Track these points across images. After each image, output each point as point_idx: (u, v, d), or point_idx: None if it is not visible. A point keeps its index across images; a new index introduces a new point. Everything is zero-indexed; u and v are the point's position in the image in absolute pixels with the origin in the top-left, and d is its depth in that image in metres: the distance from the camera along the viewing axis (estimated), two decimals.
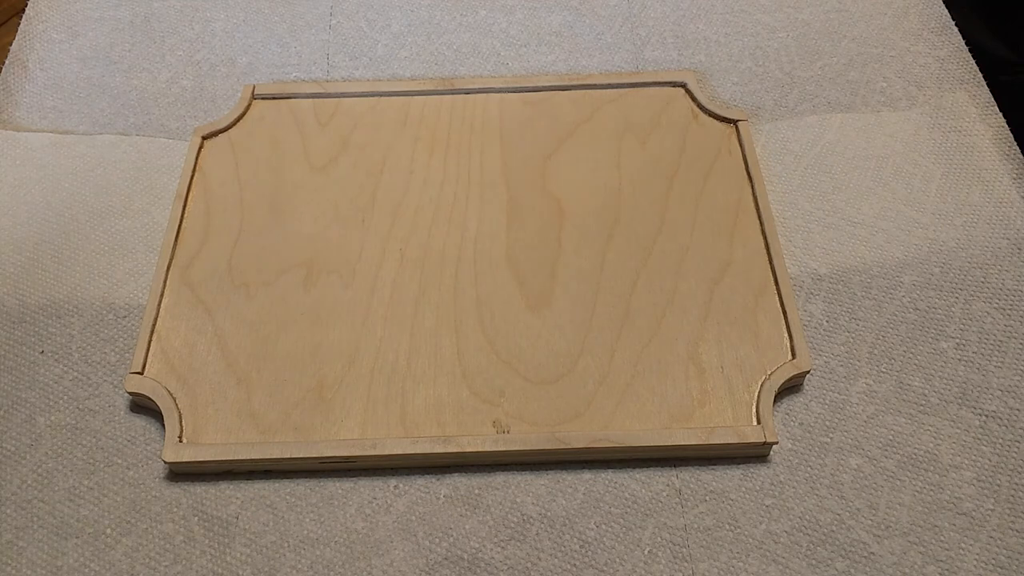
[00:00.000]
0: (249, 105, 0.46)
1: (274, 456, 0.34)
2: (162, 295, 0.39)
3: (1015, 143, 0.44)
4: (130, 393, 0.36)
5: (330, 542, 0.34)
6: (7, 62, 0.49)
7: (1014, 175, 0.43)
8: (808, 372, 0.36)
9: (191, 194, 0.43)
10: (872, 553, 0.33)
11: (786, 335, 0.37)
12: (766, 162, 0.44)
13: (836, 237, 0.41)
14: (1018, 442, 0.35)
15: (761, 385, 0.36)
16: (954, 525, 0.34)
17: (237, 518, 0.34)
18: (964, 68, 0.48)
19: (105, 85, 0.48)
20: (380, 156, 0.44)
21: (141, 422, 0.37)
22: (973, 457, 0.35)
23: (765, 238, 0.40)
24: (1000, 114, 0.46)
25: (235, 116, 0.46)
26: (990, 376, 0.37)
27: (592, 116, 0.45)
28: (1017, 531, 0.33)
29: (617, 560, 0.33)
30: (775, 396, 0.36)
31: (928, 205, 0.42)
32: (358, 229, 0.41)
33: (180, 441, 0.35)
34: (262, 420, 0.36)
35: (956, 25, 0.49)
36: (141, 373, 0.37)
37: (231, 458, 0.34)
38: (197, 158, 0.44)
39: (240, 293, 0.39)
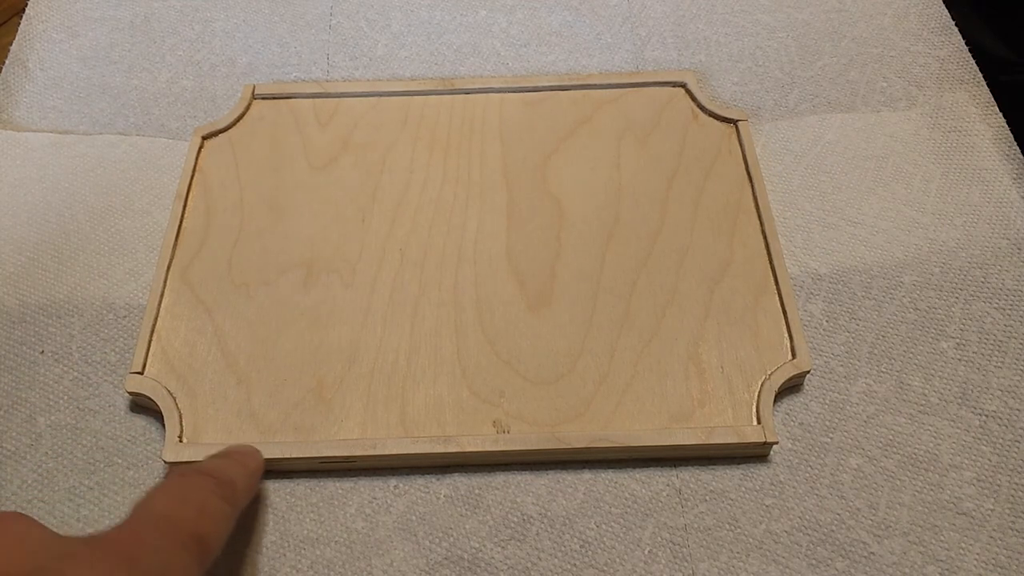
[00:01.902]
0: (249, 105, 0.46)
1: (274, 456, 0.34)
2: (162, 295, 0.39)
3: (1015, 143, 0.44)
4: (130, 393, 0.36)
5: (330, 542, 0.34)
6: (7, 62, 0.49)
7: (1014, 175, 0.43)
8: (808, 372, 0.37)
9: (191, 194, 0.43)
10: (872, 553, 0.33)
11: (786, 335, 0.37)
12: (766, 162, 0.44)
13: (836, 237, 0.41)
14: (1018, 442, 0.35)
15: (761, 385, 0.36)
16: (954, 525, 0.34)
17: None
18: (964, 68, 0.48)
19: (105, 85, 0.48)
20: (380, 156, 0.44)
21: (141, 422, 0.37)
22: (973, 457, 0.35)
23: (765, 238, 0.40)
24: (1000, 114, 0.45)
25: (235, 116, 0.46)
26: (990, 376, 0.37)
27: (592, 116, 0.45)
28: (1017, 531, 0.33)
29: (617, 560, 0.33)
30: (775, 396, 0.36)
31: (928, 205, 0.42)
32: (358, 229, 0.41)
33: (180, 441, 0.35)
34: (262, 420, 0.36)
35: (956, 25, 0.49)
36: (141, 373, 0.37)
37: None
38: (197, 158, 0.44)
39: (240, 293, 0.39)
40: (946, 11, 0.50)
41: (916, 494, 0.34)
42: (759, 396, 0.36)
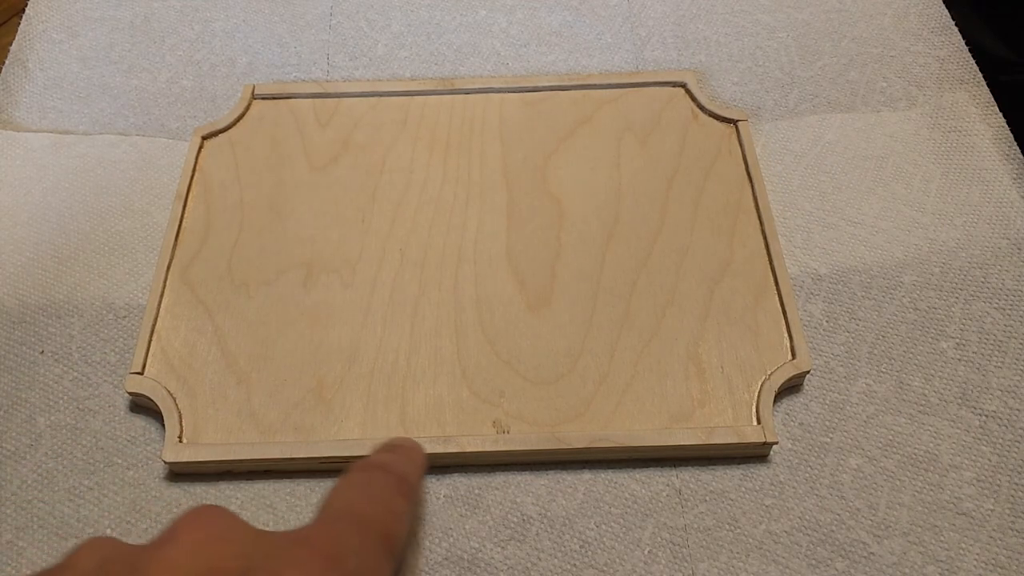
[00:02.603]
0: (249, 105, 0.46)
1: (274, 456, 0.34)
2: (162, 295, 0.39)
3: (1015, 143, 0.44)
4: (130, 393, 0.36)
5: None
6: (7, 62, 0.49)
7: (1014, 175, 0.43)
8: (808, 372, 0.37)
9: (191, 194, 0.43)
10: (872, 553, 0.33)
11: (786, 335, 0.37)
12: (766, 162, 0.44)
13: (836, 237, 0.41)
14: (1018, 442, 0.35)
15: (761, 385, 0.36)
16: (954, 525, 0.34)
17: None
18: (964, 68, 0.48)
19: (105, 85, 0.48)
20: (380, 156, 0.44)
21: (141, 422, 0.37)
22: (973, 457, 0.35)
23: (765, 238, 0.40)
24: (1000, 114, 0.45)
25: (235, 116, 0.46)
26: (990, 376, 0.37)
27: (592, 116, 0.45)
28: (1017, 531, 0.33)
29: (617, 560, 0.33)
30: (775, 396, 0.36)
31: (928, 205, 0.42)
32: (358, 229, 0.41)
33: (180, 441, 0.35)
34: (262, 420, 0.36)
35: (956, 25, 0.49)
36: (141, 373, 0.37)
37: (231, 458, 0.35)
38: (197, 158, 0.44)
39: (240, 293, 0.39)
40: (946, 11, 0.50)
41: (916, 494, 0.34)
42: (759, 396, 0.36)
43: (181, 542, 0.22)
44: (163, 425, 0.36)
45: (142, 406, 0.37)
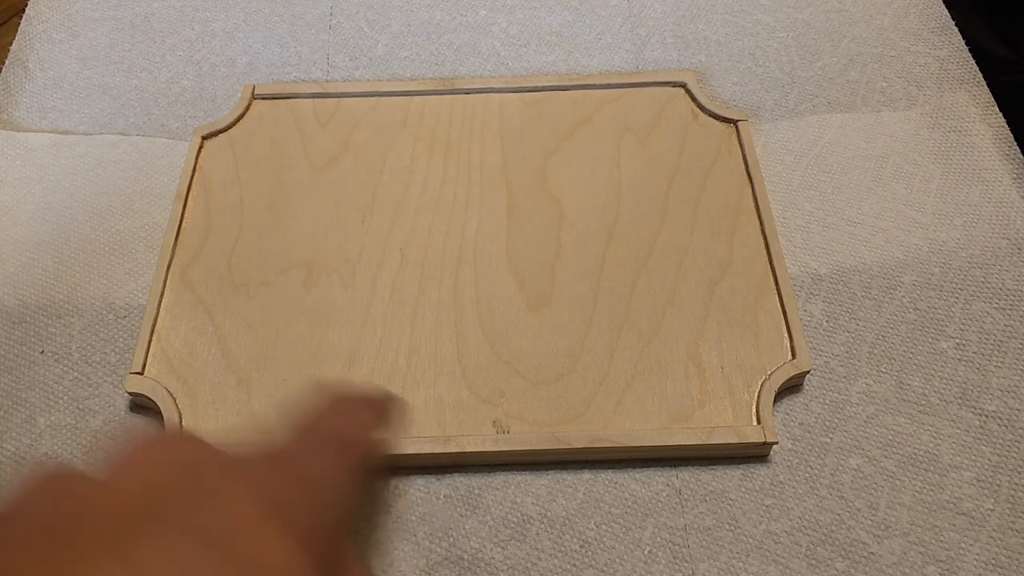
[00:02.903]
0: (249, 105, 0.46)
1: None
2: (162, 295, 0.39)
3: (1015, 143, 0.44)
4: (130, 393, 0.36)
5: None
6: (7, 62, 0.49)
7: (1014, 175, 0.43)
8: (808, 372, 0.37)
9: (191, 194, 0.43)
10: (872, 553, 0.33)
11: (786, 335, 0.37)
12: (766, 162, 0.44)
13: (836, 237, 0.41)
14: (1018, 442, 0.35)
15: (761, 385, 0.36)
16: (954, 525, 0.34)
17: None
18: (964, 68, 0.48)
19: (105, 85, 0.48)
20: (380, 156, 0.44)
21: (141, 422, 0.37)
22: (973, 457, 0.35)
23: (765, 238, 0.40)
24: (1000, 114, 0.45)
25: (235, 116, 0.46)
26: (990, 376, 0.37)
27: (592, 116, 0.45)
28: (1017, 531, 0.33)
29: (617, 560, 0.33)
30: (775, 396, 0.36)
31: (928, 205, 0.42)
32: (358, 229, 0.41)
33: None
34: (262, 420, 0.36)
35: (956, 25, 0.49)
36: (141, 373, 0.37)
37: None
38: (197, 158, 0.44)
39: (240, 293, 0.39)
40: (946, 11, 0.50)
41: (916, 494, 0.34)
42: (759, 396, 0.36)
43: (129, 469, 0.20)
44: (163, 425, 0.36)
45: (142, 406, 0.37)
